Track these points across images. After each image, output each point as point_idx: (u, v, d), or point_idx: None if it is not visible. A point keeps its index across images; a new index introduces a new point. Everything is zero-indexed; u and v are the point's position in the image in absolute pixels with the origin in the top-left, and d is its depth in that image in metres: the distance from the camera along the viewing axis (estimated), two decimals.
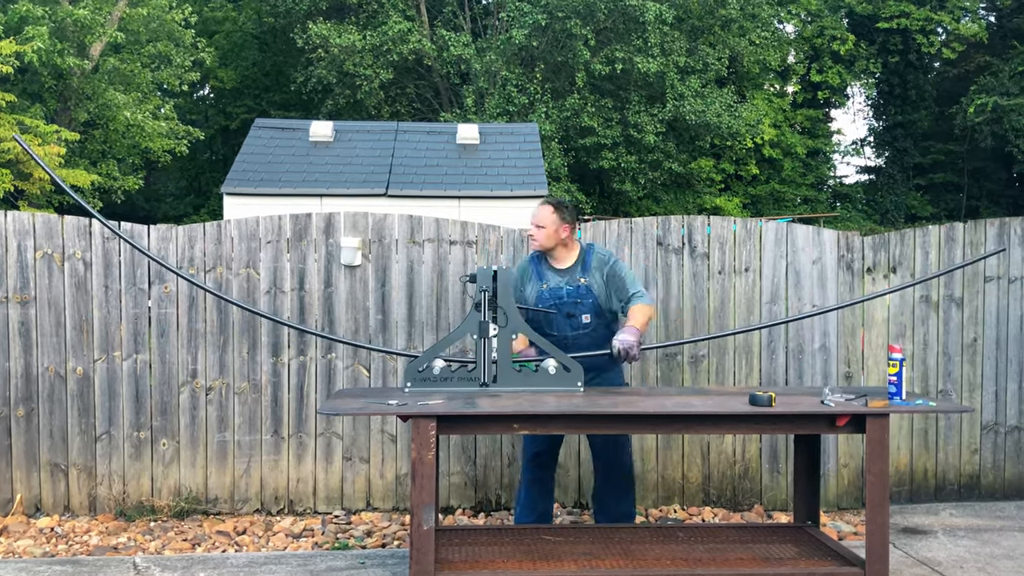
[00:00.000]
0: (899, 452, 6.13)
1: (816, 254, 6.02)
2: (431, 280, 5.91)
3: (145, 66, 22.34)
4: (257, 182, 14.49)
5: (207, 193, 30.33)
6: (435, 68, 25.39)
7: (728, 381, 6.00)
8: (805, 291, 6.01)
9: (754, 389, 4.59)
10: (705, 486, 6.04)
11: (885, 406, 4.17)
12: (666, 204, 28.24)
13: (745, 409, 4.12)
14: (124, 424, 5.79)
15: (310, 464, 5.90)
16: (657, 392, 4.73)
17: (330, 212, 5.95)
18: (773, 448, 6.08)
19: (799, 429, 4.29)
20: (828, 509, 6.05)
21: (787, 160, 32.18)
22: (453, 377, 4.55)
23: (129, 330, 5.77)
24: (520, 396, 4.37)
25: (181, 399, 5.81)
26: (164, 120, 21.91)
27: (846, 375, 6.04)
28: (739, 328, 5.85)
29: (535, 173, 15.19)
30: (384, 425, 5.93)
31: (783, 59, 31.98)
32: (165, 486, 5.83)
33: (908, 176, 33.69)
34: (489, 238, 5.96)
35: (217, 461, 5.85)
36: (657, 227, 6.00)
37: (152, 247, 5.74)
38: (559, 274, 4.90)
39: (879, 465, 4.13)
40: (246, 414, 5.83)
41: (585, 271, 4.89)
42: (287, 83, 28.21)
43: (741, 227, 6.04)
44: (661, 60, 23.76)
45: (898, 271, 6.08)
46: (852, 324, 6.05)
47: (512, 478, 5.96)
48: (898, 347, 4.39)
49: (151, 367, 5.80)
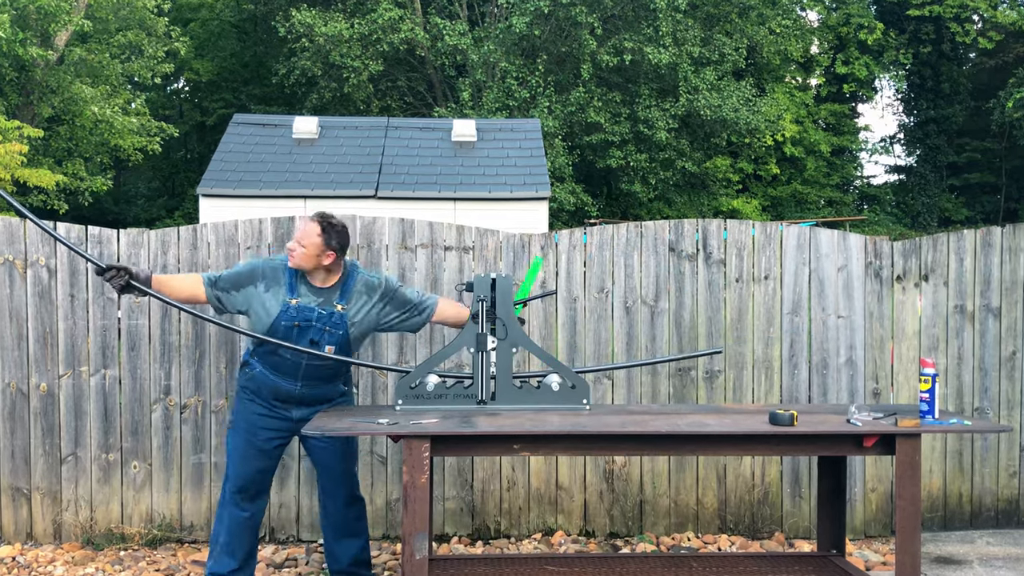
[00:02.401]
0: (931, 475, 6.14)
1: (842, 261, 6.04)
2: (425, 289, 5.92)
3: (114, 57, 22.41)
4: (236, 183, 14.52)
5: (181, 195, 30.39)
6: (429, 59, 25.47)
7: (746, 398, 6.00)
8: (830, 301, 6.03)
9: (775, 407, 4.59)
10: (721, 512, 6.05)
11: (916, 425, 4.18)
12: (679, 206, 28.29)
13: (765, 429, 4.13)
14: (92, 445, 5.79)
15: (293, 488, 5.90)
16: (669, 410, 4.75)
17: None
18: (795, 471, 6.08)
19: (823, 450, 4.29)
20: (855, 537, 6.05)
21: (810, 159, 32.26)
22: (448, 394, 4.56)
23: (97, 343, 5.78)
24: (521, 415, 4.38)
25: (153, 418, 5.81)
26: (135, 116, 21.99)
27: (874, 392, 6.05)
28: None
29: (537, 173, 15.23)
30: (373, 446, 5.94)
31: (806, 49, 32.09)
32: (136, 512, 5.83)
33: (941, 176, 33.76)
34: (487, 243, 5.97)
35: (192, 485, 5.85)
36: (669, 231, 6.01)
37: (122, 253, 5.75)
38: (314, 292, 4.65)
39: (910, 489, 4.13)
40: (224, 434, 5.83)
41: (344, 296, 4.68)
42: (268, 75, 28.30)
43: (760, 231, 6.05)
44: (673, 50, 23.84)
45: (930, 279, 6.09)
46: (881, 336, 6.07)
47: (512, 503, 5.97)
48: (930, 361, 4.40)
49: (121, 383, 5.81)
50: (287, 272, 4.66)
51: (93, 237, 5.73)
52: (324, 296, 4.65)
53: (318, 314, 4.61)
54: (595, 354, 5.92)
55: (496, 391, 4.54)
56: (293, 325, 4.58)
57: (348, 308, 4.65)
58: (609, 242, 5.98)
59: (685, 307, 5.98)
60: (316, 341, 4.61)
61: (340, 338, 4.64)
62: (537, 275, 5.68)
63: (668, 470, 6.04)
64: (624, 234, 5.99)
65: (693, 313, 5.96)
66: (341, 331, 4.64)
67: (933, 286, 6.10)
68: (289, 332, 4.59)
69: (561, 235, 6.02)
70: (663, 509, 6.02)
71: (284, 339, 4.57)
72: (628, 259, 5.95)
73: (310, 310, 4.60)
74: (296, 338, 4.58)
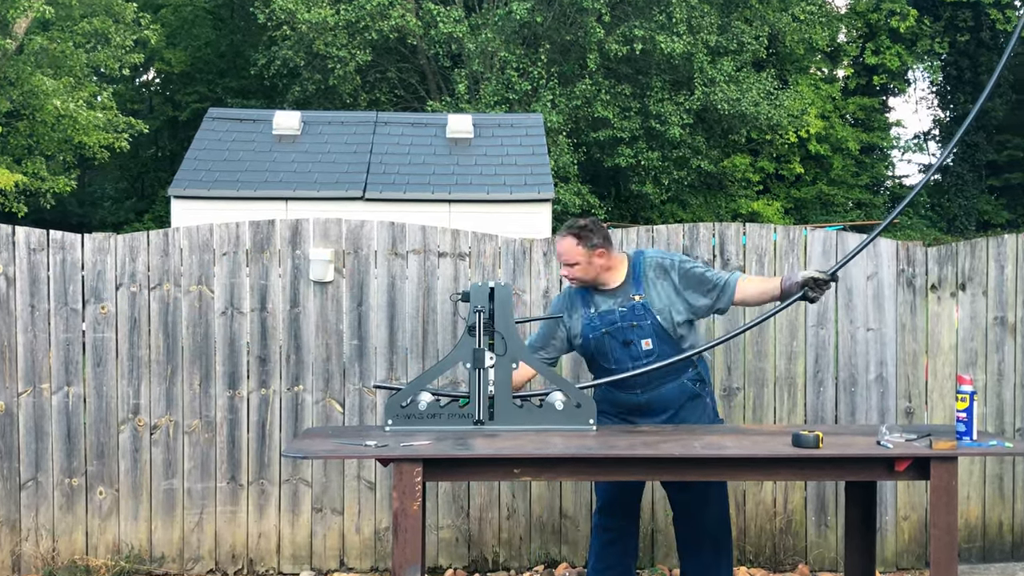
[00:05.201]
0: (969, 502, 6.14)
1: (871, 268, 6.05)
2: (416, 299, 5.94)
3: (79, 46, 22.42)
4: (211, 183, 14.53)
5: (151, 196, 30.42)
6: (421, 49, 25.50)
7: (767, 418, 6.01)
8: (858, 312, 6.04)
9: (798, 427, 4.60)
10: (740, 542, 6.05)
11: (953, 448, 4.18)
12: (694, 209, 28.33)
13: (787, 451, 4.13)
14: (54, 469, 5.80)
15: (273, 516, 5.91)
16: (683, 431, 4.75)
17: (297, 218, 5.98)
18: (820, 497, 6.09)
19: (851, 475, 4.30)
20: (885, 569, 6.06)
21: (837, 157, 32.30)
22: (442, 413, 4.56)
23: (60, 358, 5.79)
24: (522, 436, 4.38)
25: (121, 439, 5.82)
26: (101, 110, 21.97)
27: (907, 411, 6.06)
28: None
29: (539, 173, 15.24)
30: (361, 470, 5.95)
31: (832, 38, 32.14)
32: (102, 542, 5.83)
33: (980, 176, 33.80)
34: (485, 249, 5.99)
35: (163, 513, 5.85)
36: (683, 236, 6.03)
37: (87, 260, 5.77)
38: (609, 295, 4.80)
39: (946, 517, 4.13)
40: (198, 457, 5.84)
41: (638, 286, 4.79)
42: (246, 66, 28.36)
43: (783, 236, 6.06)
44: (688, 39, 23.88)
45: (968, 288, 6.11)
46: (914, 351, 6.08)
47: (512, 532, 5.97)
48: (968, 378, 4.40)
49: (86, 402, 5.82)
50: (578, 293, 4.87)
51: (55, 243, 5.75)
52: (620, 295, 4.80)
53: (619, 313, 4.75)
54: None
55: (495, 410, 4.54)
56: (603, 333, 4.75)
57: (649, 296, 4.76)
58: (617, 248, 5.98)
59: None
60: (630, 341, 4.73)
61: (652, 328, 4.74)
62: None
63: None
64: (634, 239, 6.01)
65: (709, 325, 5.97)
66: (649, 320, 4.73)
67: (971, 296, 6.11)
68: (601, 342, 4.76)
69: None
70: (675, 538, 6.01)
71: (598, 350, 4.78)
72: None
73: (611, 312, 4.76)
74: (610, 344, 4.74)
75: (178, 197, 14.41)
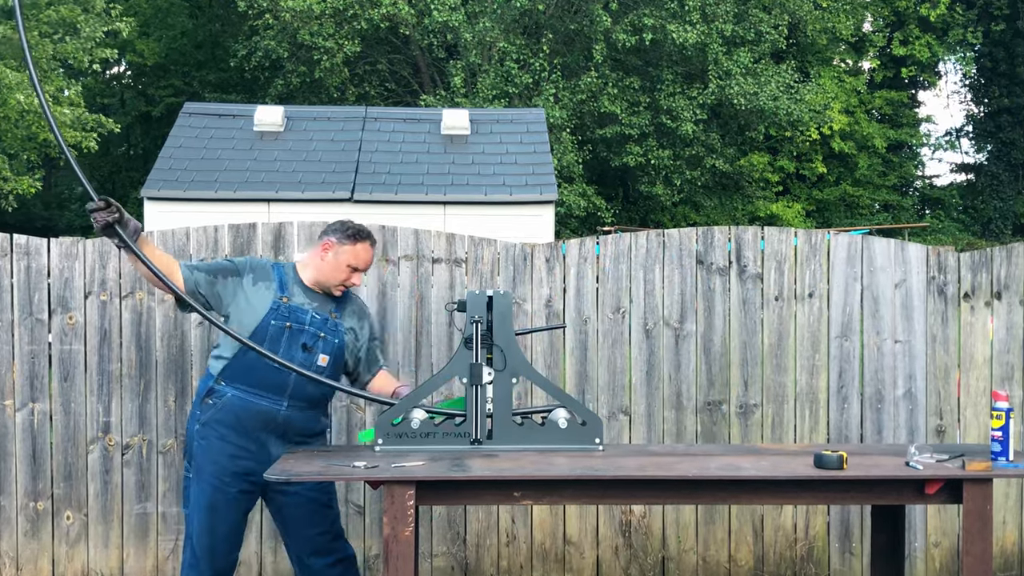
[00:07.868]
0: (1005, 527, 6.15)
1: (899, 275, 6.06)
2: (408, 308, 5.94)
3: (44, 36, 22.44)
4: (187, 183, 14.55)
5: (123, 198, 30.36)
6: (414, 39, 25.55)
7: (787, 437, 6.02)
8: (885, 322, 6.04)
9: (820, 447, 4.61)
10: (758, 570, 6.05)
11: (988, 469, 4.19)
12: (708, 212, 28.34)
13: (809, 473, 4.14)
14: (17, 492, 5.80)
15: (254, 543, 5.90)
16: (697, 451, 4.76)
17: (280, 221, 5.99)
18: (845, 522, 6.09)
19: (878, 498, 4.30)
20: None
21: (862, 156, 32.31)
22: (437, 432, 4.57)
23: (24, 372, 5.79)
24: (523, 456, 4.39)
25: (90, 460, 5.82)
26: (68, 106, 21.97)
27: (938, 429, 6.06)
28: None
29: (541, 172, 15.27)
30: (349, 494, 5.95)
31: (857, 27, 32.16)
32: (70, 570, 5.83)
33: (1017, 176, 33.81)
34: (482, 255, 5.99)
35: (136, 539, 5.85)
36: (697, 241, 6.04)
37: (53, 266, 5.77)
38: (308, 295, 4.80)
39: (980, 544, 4.14)
40: (173, 479, 5.84)
41: (340, 309, 4.87)
42: (225, 58, 28.41)
43: (804, 241, 6.07)
44: (702, 28, 23.93)
45: (1004, 296, 6.11)
46: (945, 364, 6.08)
47: (512, 560, 5.97)
48: (1004, 394, 4.41)
49: (52, 419, 5.82)
50: (276, 269, 4.83)
51: (19, 247, 5.75)
52: (319, 301, 4.79)
53: (311, 317, 4.73)
54: (609, 385, 5.94)
55: (493, 429, 4.55)
56: (284, 326, 4.68)
57: (342, 321, 4.82)
58: (626, 253, 6.00)
59: (715, 330, 5.99)
60: (309, 347, 4.70)
61: (336, 348, 4.76)
62: None
63: (695, 521, 6.05)
64: (644, 244, 6.01)
65: (725, 337, 5.98)
66: (337, 340, 4.76)
67: (1007, 305, 6.12)
68: (279, 334, 4.67)
69: (569, 245, 6.04)
70: (689, 567, 6.03)
71: (273, 341, 4.65)
72: (648, 273, 5.97)
73: (303, 311, 4.73)
74: (287, 342, 4.67)
75: (151, 199, 14.42)
